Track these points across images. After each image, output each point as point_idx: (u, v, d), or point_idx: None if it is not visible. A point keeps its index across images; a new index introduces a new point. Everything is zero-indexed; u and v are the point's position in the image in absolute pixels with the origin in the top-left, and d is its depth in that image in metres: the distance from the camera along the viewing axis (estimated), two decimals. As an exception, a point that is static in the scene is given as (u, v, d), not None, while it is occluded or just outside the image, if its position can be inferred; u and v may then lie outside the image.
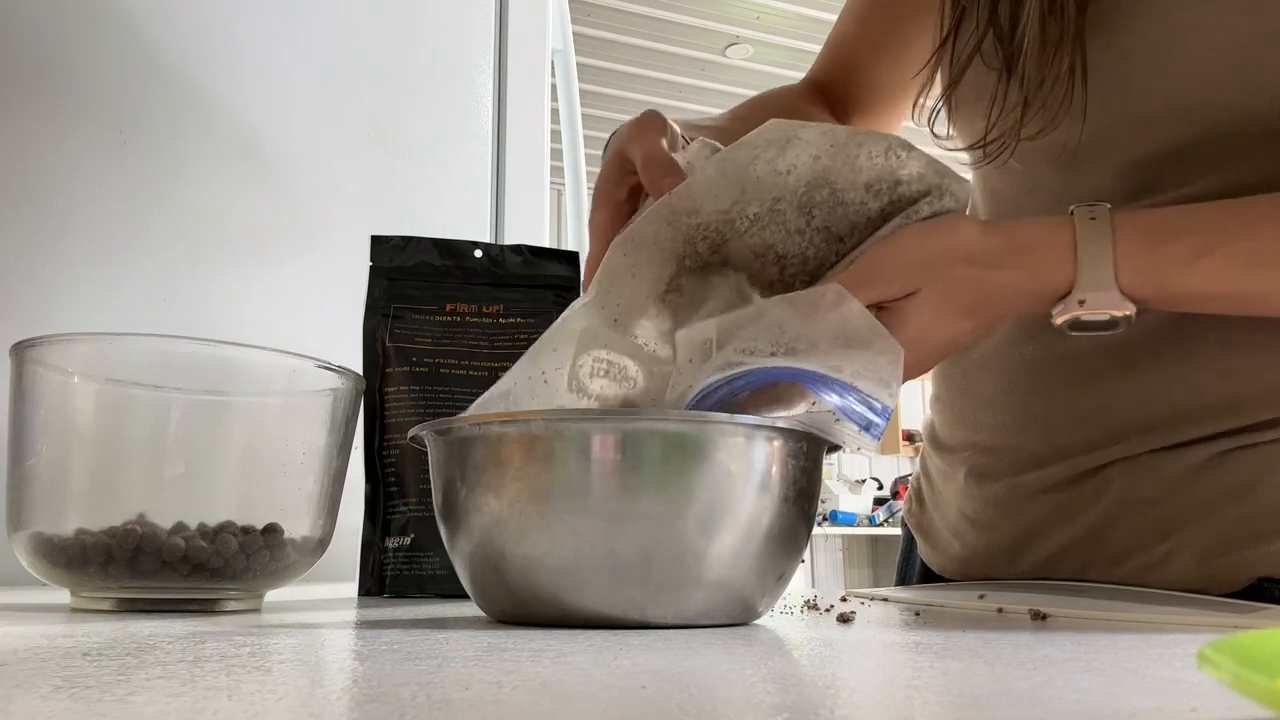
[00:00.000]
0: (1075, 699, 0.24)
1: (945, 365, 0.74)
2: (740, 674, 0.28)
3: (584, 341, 0.50)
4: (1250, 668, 0.19)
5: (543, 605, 0.41)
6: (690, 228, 0.52)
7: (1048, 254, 0.51)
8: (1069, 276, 0.50)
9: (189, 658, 0.30)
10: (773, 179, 0.51)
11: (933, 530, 0.74)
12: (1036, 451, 0.64)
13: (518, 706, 0.22)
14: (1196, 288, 0.50)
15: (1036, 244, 0.52)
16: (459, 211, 1.09)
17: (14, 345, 0.51)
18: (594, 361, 0.50)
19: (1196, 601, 0.51)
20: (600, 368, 0.50)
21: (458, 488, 0.43)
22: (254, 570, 0.50)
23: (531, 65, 1.17)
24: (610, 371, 0.50)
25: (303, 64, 1.04)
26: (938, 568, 0.74)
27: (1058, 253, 0.51)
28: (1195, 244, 0.50)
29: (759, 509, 0.41)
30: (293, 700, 0.23)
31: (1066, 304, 0.51)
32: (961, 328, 0.53)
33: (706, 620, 0.42)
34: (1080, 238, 0.51)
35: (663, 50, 3.98)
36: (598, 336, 0.50)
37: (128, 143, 0.94)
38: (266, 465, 0.53)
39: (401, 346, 0.68)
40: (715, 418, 0.43)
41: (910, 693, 0.25)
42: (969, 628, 0.42)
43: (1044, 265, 0.51)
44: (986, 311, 0.53)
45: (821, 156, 0.51)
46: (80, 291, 0.90)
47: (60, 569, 0.48)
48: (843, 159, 0.51)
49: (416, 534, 0.65)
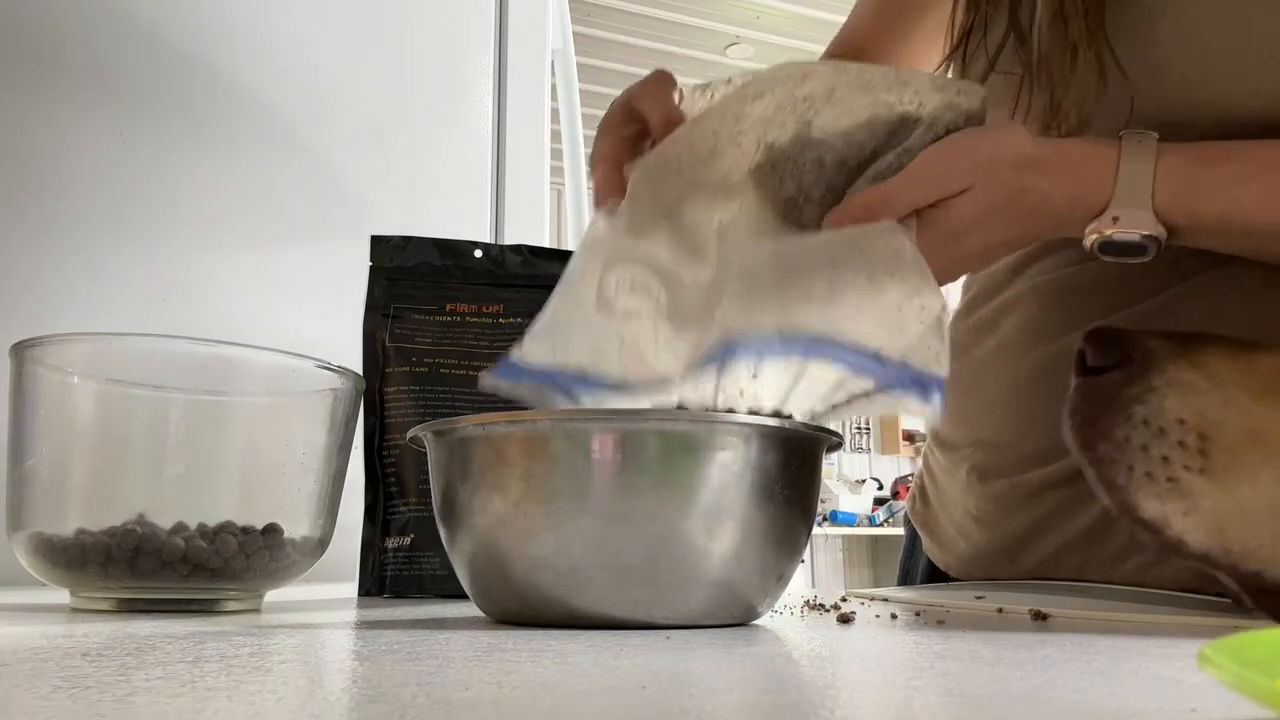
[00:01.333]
0: (1075, 699, 0.24)
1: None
2: (740, 674, 0.28)
3: (610, 260, 0.50)
4: (1250, 668, 0.19)
5: (546, 605, 0.41)
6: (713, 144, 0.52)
7: (1091, 167, 0.52)
8: (1107, 191, 0.51)
9: (189, 658, 0.30)
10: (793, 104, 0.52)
11: (938, 528, 0.74)
12: (1039, 450, 0.64)
13: (518, 706, 0.22)
14: (1230, 216, 0.51)
15: (1083, 157, 0.52)
16: (459, 211, 1.09)
17: (14, 345, 0.51)
18: (619, 280, 0.50)
19: (1197, 602, 0.51)
20: (625, 284, 0.50)
21: (457, 488, 0.43)
22: (254, 570, 0.50)
23: (531, 65, 1.17)
24: (636, 285, 0.50)
25: (303, 63, 1.04)
26: (943, 565, 0.74)
27: (1100, 167, 0.51)
28: (1237, 171, 0.51)
29: (759, 508, 0.41)
30: (293, 700, 0.23)
31: (1100, 220, 0.51)
32: (1000, 236, 0.53)
33: (707, 620, 0.42)
34: (1124, 155, 0.51)
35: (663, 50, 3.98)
36: (621, 254, 0.50)
37: (128, 143, 0.94)
38: (266, 465, 0.53)
39: (401, 346, 0.68)
40: (717, 418, 0.43)
41: (910, 693, 0.25)
42: (969, 628, 0.42)
43: (1086, 177, 0.52)
44: (1026, 221, 0.52)
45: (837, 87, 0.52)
46: (80, 291, 0.90)
47: (60, 569, 0.48)
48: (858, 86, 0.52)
49: (416, 534, 0.65)
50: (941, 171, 0.51)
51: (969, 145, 0.52)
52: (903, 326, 0.47)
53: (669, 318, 0.50)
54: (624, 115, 0.57)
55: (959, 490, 0.71)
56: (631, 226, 0.51)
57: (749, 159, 0.53)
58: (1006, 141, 0.52)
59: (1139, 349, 0.44)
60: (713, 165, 0.52)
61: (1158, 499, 0.42)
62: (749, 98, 0.51)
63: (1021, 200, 0.51)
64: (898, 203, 0.51)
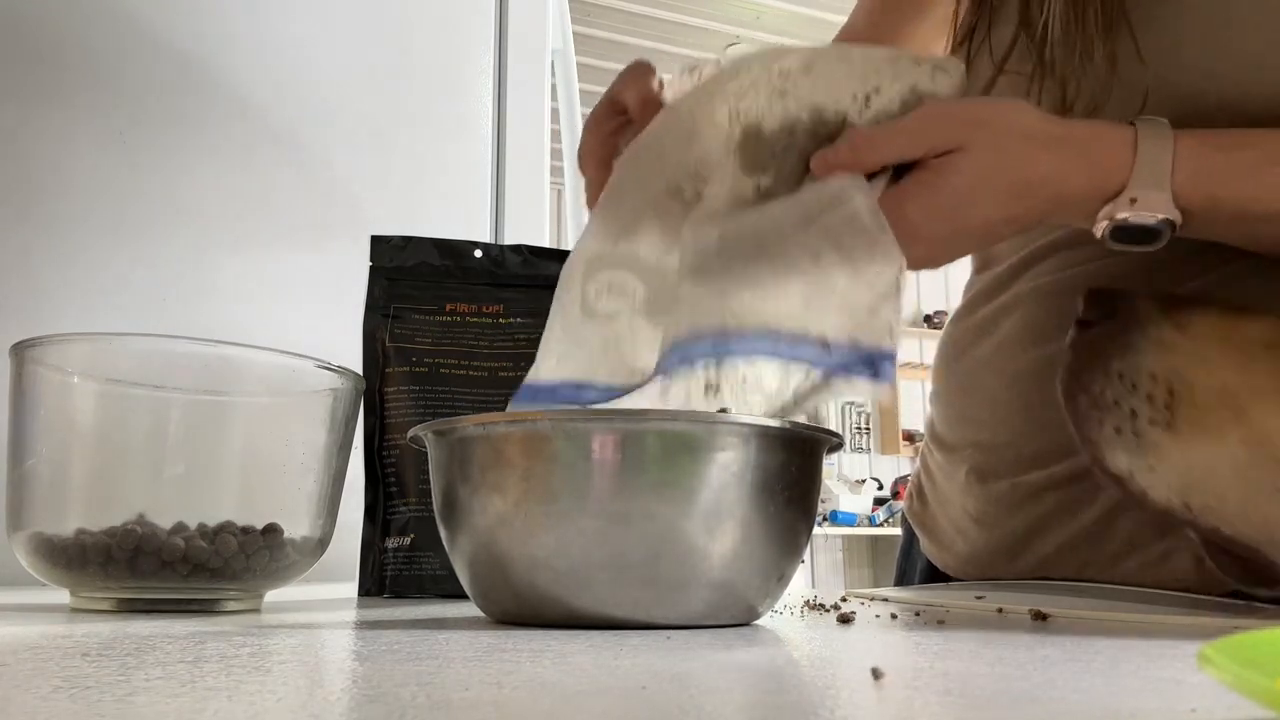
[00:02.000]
0: (1075, 699, 0.24)
1: (948, 363, 0.73)
2: (740, 674, 0.28)
3: (589, 268, 0.51)
4: (1250, 668, 0.19)
5: (546, 605, 0.41)
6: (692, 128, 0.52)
7: (1107, 146, 0.49)
8: (1125, 172, 0.49)
9: (189, 658, 0.30)
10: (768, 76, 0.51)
11: (936, 527, 0.74)
12: (1039, 450, 0.64)
13: (518, 706, 0.22)
14: (1249, 202, 0.49)
15: (1096, 136, 0.50)
16: (459, 211, 1.09)
17: (14, 345, 0.51)
18: (597, 285, 0.50)
19: (1197, 602, 0.51)
20: (603, 288, 0.50)
21: (458, 488, 0.43)
22: (254, 570, 0.50)
23: (531, 65, 1.17)
24: (613, 288, 0.50)
25: (303, 64, 1.04)
26: (942, 565, 0.74)
27: (1117, 147, 0.49)
28: (1256, 156, 0.49)
29: (760, 509, 0.41)
30: (293, 700, 0.23)
31: (1116, 203, 0.49)
32: (1002, 211, 0.49)
33: (708, 620, 0.42)
34: (1141, 135, 0.49)
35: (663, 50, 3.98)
36: (600, 259, 0.51)
37: (128, 143, 0.94)
38: (266, 465, 0.53)
39: (401, 346, 0.68)
40: (717, 418, 0.43)
41: (910, 693, 0.25)
42: (969, 628, 0.42)
43: (1100, 158, 0.49)
44: (1032, 197, 0.49)
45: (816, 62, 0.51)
46: (80, 291, 0.90)
47: (60, 569, 0.48)
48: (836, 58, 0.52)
49: (416, 534, 0.65)
50: (932, 126, 0.49)
51: (966, 106, 0.51)
52: (852, 305, 0.46)
53: (646, 313, 0.50)
54: (607, 109, 0.56)
55: (957, 491, 0.70)
56: (612, 223, 0.52)
57: (725, 136, 0.52)
58: (1012, 112, 0.50)
59: (1127, 306, 0.44)
60: (692, 146, 0.52)
61: (1125, 452, 0.43)
62: (727, 76, 0.51)
63: (1026, 174, 0.49)
64: (883, 146, 0.49)
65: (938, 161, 0.49)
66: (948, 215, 0.49)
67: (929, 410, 0.76)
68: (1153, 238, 0.49)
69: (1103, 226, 0.50)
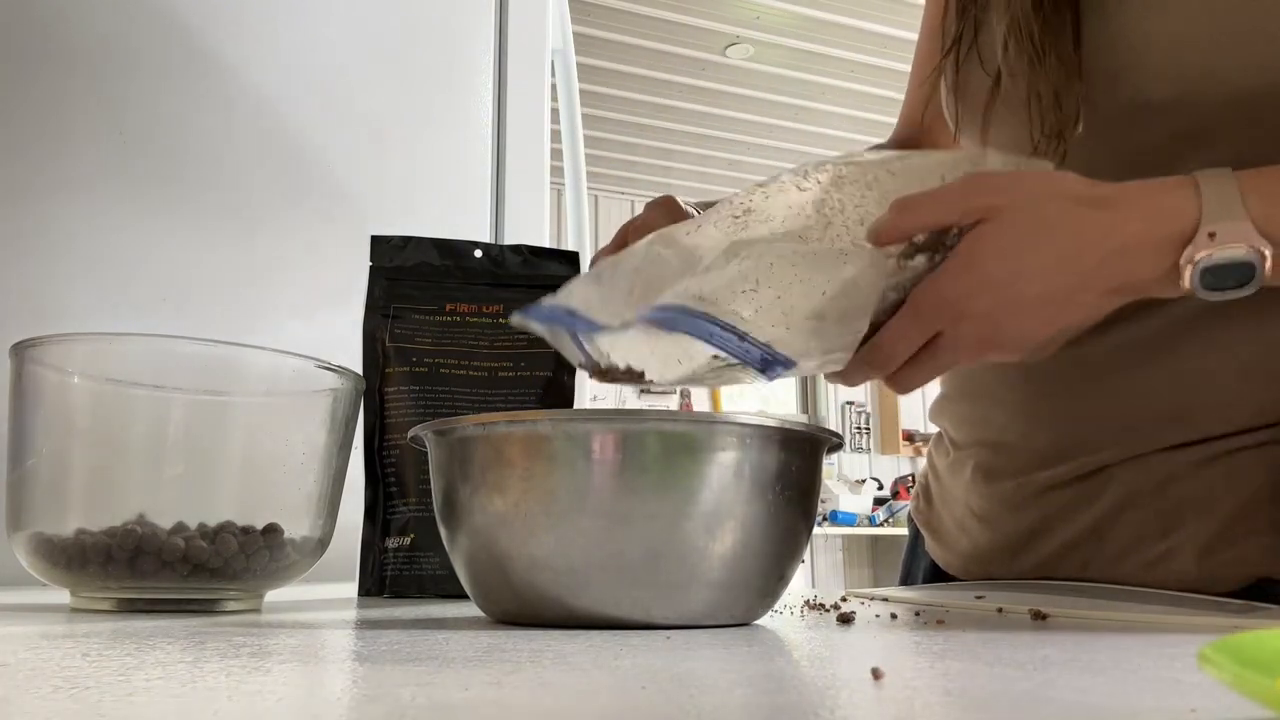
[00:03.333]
0: (1075, 699, 0.24)
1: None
2: (740, 674, 0.28)
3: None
4: (1250, 668, 0.19)
5: (546, 605, 0.41)
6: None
7: (1163, 193, 0.46)
8: (1193, 212, 0.45)
9: (189, 658, 0.30)
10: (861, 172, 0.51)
11: (941, 527, 0.74)
12: (1044, 450, 0.64)
13: (518, 706, 0.22)
14: None
15: (1149, 188, 0.47)
16: (459, 211, 1.09)
17: (14, 345, 0.51)
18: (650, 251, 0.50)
19: (1197, 602, 0.51)
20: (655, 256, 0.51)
21: (458, 488, 0.43)
22: (254, 570, 0.50)
23: (531, 65, 1.17)
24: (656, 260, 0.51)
25: (303, 63, 1.04)
26: (945, 564, 0.74)
27: (1174, 191, 0.46)
28: None
29: (760, 509, 0.41)
30: (293, 700, 0.23)
31: (1195, 244, 0.45)
32: (1059, 279, 0.46)
33: (707, 620, 0.42)
34: (1201, 178, 0.46)
35: (663, 50, 3.98)
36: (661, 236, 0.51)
37: (128, 142, 0.94)
38: (266, 465, 0.53)
39: (401, 346, 0.68)
40: (717, 418, 0.43)
41: (910, 693, 0.25)
42: (969, 628, 0.42)
43: (1159, 202, 0.46)
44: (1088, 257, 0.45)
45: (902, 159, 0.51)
46: (80, 291, 0.90)
47: (60, 569, 0.48)
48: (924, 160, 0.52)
49: (416, 534, 0.65)
50: (969, 190, 0.47)
51: (1007, 173, 0.48)
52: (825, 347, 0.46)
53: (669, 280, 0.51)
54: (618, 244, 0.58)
55: (963, 488, 0.71)
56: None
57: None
58: (1053, 178, 0.47)
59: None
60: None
61: None
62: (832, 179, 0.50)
63: (1071, 233, 0.45)
64: (921, 211, 0.47)
65: (973, 233, 0.46)
66: (989, 288, 0.46)
67: (934, 411, 0.76)
68: (1246, 275, 0.45)
69: (1189, 273, 0.45)
